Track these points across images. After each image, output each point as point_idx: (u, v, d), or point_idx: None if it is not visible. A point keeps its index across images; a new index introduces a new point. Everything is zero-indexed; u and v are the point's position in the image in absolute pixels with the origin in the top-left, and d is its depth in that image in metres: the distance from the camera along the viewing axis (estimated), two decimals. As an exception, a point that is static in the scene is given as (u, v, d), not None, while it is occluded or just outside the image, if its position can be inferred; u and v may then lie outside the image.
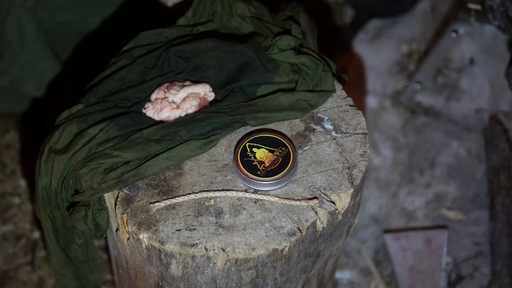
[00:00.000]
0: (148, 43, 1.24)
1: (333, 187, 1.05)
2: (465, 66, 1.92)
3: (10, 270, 1.67)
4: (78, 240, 1.20)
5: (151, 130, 1.09)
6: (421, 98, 1.95)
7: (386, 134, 1.92)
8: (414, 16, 2.13)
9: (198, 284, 1.05)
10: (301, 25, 1.22)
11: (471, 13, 1.68)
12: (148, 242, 1.01)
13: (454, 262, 1.70)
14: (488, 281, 1.65)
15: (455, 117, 1.92)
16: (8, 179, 1.80)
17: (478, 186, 1.81)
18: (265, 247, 1.00)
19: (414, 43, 2.08)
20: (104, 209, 1.06)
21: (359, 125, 1.13)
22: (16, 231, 1.73)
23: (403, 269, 1.68)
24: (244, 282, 1.04)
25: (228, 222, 1.02)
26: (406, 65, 2.05)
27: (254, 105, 1.13)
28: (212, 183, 1.06)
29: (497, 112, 1.88)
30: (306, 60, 1.16)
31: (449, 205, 1.79)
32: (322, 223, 1.04)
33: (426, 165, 1.86)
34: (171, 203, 1.04)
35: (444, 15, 2.09)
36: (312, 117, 1.14)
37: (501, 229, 1.68)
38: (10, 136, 1.86)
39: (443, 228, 1.74)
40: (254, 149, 1.07)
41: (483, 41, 1.88)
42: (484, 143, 1.86)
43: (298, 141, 1.11)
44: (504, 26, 1.57)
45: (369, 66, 2.05)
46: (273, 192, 1.05)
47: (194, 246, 0.99)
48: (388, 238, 1.73)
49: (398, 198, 1.81)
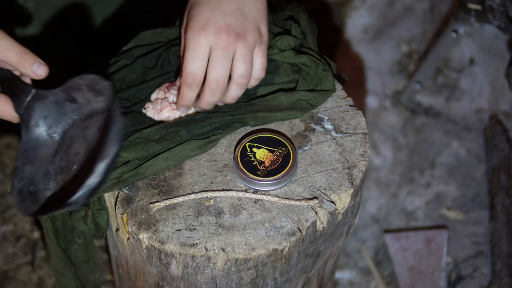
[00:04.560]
0: (148, 43, 1.24)
1: (333, 187, 1.05)
2: (465, 66, 1.92)
3: (10, 270, 1.67)
4: (78, 240, 1.20)
5: (151, 130, 1.09)
6: (421, 98, 1.95)
7: (386, 134, 1.92)
8: (414, 16, 2.13)
9: (198, 284, 1.05)
10: (301, 25, 1.22)
11: (471, 13, 1.68)
12: (148, 242, 1.01)
13: (454, 262, 1.70)
14: (488, 281, 1.65)
15: (455, 117, 1.92)
16: (8, 179, 1.81)
17: (478, 186, 1.81)
18: (265, 247, 1.00)
19: (414, 43, 2.08)
20: (104, 209, 1.06)
21: (359, 125, 1.13)
22: (16, 231, 1.73)
23: (403, 269, 1.69)
24: (244, 282, 1.04)
25: (228, 222, 1.02)
26: (406, 65, 2.05)
27: (254, 105, 1.13)
28: (212, 183, 1.06)
29: (497, 112, 1.88)
30: (306, 60, 1.16)
31: (449, 205, 1.79)
32: (322, 223, 1.04)
33: (426, 165, 1.86)
34: (171, 203, 1.04)
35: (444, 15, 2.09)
36: (312, 117, 1.14)
37: (501, 229, 1.68)
38: (10, 136, 1.87)
39: (443, 228, 1.74)
40: (254, 149, 1.07)
41: (483, 41, 1.88)
42: (484, 143, 1.86)
43: (298, 141, 1.11)
44: (504, 26, 1.57)
45: (369, 66, 2.05)
46: (273, 192, 1.05)
47: (194, 246, 0.99)
48: (388, 238, 1.73)
49: (398, 198, 1.81)
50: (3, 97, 0.99)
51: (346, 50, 2.08)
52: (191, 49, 1.04)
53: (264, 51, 1.08)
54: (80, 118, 1.00)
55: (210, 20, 1.04)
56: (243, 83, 1.07)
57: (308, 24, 1.23)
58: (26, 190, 0.95)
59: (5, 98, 0.99)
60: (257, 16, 1.07)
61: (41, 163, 0.98)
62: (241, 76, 1.06)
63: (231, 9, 1.05)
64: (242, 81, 1.06)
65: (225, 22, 1.04)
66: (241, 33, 1.04)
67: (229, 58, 1.04)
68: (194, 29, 1.04)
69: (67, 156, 0.98)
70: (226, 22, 1.04)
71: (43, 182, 0.97)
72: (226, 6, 1.05)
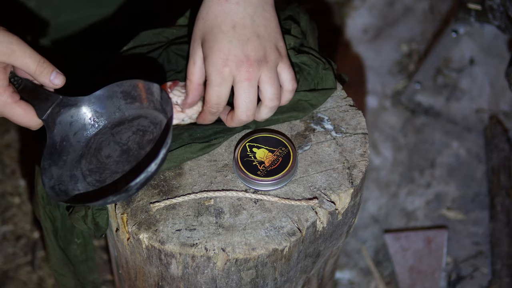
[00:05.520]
0: (149, 42, 1.24)
1: (333, 187, 1.05)
2: (465, 66, 1.92)
3: (10, 270, 1.67)
4: (77, 240, 1.20)
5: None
6: (421, 98, 1.95)
7: (386, 134, 1.92)
8: (414, 16, 2.13)
9: (198, 284, 1.05)
10: (302, 25, 1.21)
11: (471, 13, 1.68)
12: (148, 242, 1.01)
13: (454, 262, 1.70)
14: (488, 281, 1.65)
15: (455, 117, 1.92)
16: (8, 179, 1.80)
17: (478, 186, 1.81)
18: (265, 247, 1.00)
19: (414, 43, 2.08)
20: (104, 209, 1.06)
21: (359, 125, 1.13)
22: (16, 231, 1.73)
23: (403, 269, 1.69)
24: (244, 282, 1.04)
25: (228, 222, 1.02)
26: (406, 65, 2.05)
27: (254, 107, 1.13)
28: (212, 183, 1.06)
29: (497, 112, 1.88)
30: (307, 59, 1.16)
31: (449, 205, 1.79)
32: (322, 223, 1.04)
33: (426, 165, 1.86)
34: (171, 203, 1.04)
35: (444, 15, 2.09)
36: (312, 117, 1.14)
37: (501, 229, 1.68)
38: (10, 136, 1.87)
39: (443, 228, 1.74)
40: (254, 149, 1.07)
41: (483, 41, 1.88)
42: (484, 143, 1.86)
43: (298, 141, 1.11)
44: (504, 26, 1.57)
45: (369, 66, 2.05)
46: (273, 192, 1.05)
47: (194, 246, 0.99)
48: (388, 238, 1.73)
49: (398, 198, 1.81)
50: (23, 103, 1.02)
51: (346, 50, 2.08)
52: (216, 85, 1.04)
53: (287, 63, 1.08)
54: (107, 125, 1.06)
55: (230, 54, 1.03)
56: (274, 105, 1.07)
57: (309, 24, 1.23)
58: (57, 188, 1.00)
59: (25, 105, 1.02)
60: (272, 33, 1.07)
61: (66, 166, 1.03)
62: (271, 99, 1.06)
63: (247, 35, 1.04)
64: (273, 103, 1.07)
65: (244, 52, 1.03)
66: (261, 58, 1.04)
67: (254, 87, 1.04)
68: (216, 65, 1.03)
69: (97, 159, 1.04)
70: (245, 52, 1.03)
71: (70, 184, 1.02)
72: (242, 32, 1.04)
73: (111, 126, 1.06)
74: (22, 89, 1.03)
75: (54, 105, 1.03)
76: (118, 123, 1.06)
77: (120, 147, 1.04)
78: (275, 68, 1.06)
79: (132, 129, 1.05)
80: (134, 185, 0.96)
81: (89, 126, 1.06)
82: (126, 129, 1.05)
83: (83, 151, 1.05)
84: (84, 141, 1.06)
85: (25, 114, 1.02)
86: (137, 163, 1.02)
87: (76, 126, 1.05)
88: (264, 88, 1.05)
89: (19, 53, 1.00)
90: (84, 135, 1.06)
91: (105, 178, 1.02)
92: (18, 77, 1.04)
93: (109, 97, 1.06)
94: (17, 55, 1.00)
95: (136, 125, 1.05)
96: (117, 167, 1.02)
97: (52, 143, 1.02)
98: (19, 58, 1.00)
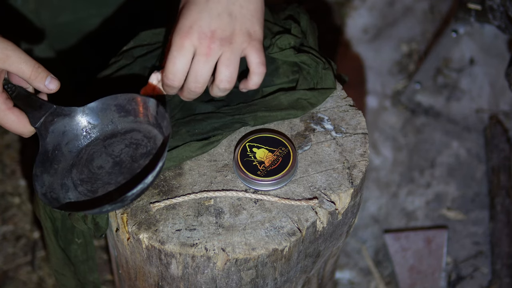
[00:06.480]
0: (148, 42, 1.24)
1: (333, 187, 1.05)
2: (465, 66, 1.92)
3: (10, 270, 1.67)
4: (78, 240, 1.20)
5: (151, 130, 1.10)
6: (421, 98, 1.95)
7: (386, 134, 1.92)
8: (414, 16, 2.13)
9: (198, 284, 1.05)
10: (302, 25, 1.22)
11: (471, 13, 1.68)
12: (148, 242, 1.01)
13: (454, 262, 1.70)
14: (488, 281, 1.65)
15: (455, 117, 1.92)
16: (8, 179, 1.81)
17: (478, 186, 1.81)
18: (265, 247, 1.00)
19: (414, 43, 2.08)
20: (104, 209, 1.07)
21: (359, 125, 1.13)
22: (16, 231, 1.73)
23: (403, 269, 1.69)
24: (244, 282, 1.04)
25: (228, 222, 1.02)
26: (406, 65, 2.05)
27: (254, 105, 1.13)
28: (212, 183, 1.06)
29: (497, 112, 1.88)
30: (306, 58, 1.16)
31: (449, 205, 1.79)
32: (322, 223, 1.04)
33: (426, 165, 1.86)
34: (171, 203, 1.04)
35: (444, 15, 2.09)
36: (312, 117, 1.14)
37: (501, 229, 1.68)
38: (10, 136, 1.87)
39: (443, 228, 1.74)
40: (254, 149, 1.07)
41: (483, 41, 1.88)
42: (484, 143, 1.86)
43: (298, 141, 1.11)
44: (504, 26, 1.57)
45: (369, 66, 2.05)
46: (273, 192, 1.05)
47: (194, 246, 0.99)
48: (388, 238, 1.73)
49: (398, 198, 1.81)
50: (17, 110, 1.02)
51: (346, 50, 2.08)
52: (174, 50, 1.04)
53: (257, 47, 1.07)
54: (99, 137, 1.07)
55: (195, 24, 1.03)
56: (225, 87, 1.07)
57: (309, 24, 1.23)
58: (49, 196, 1.01)
59: (19, 112, 1.02)
60: (247, 16, 1.06)
61: (57, 175, 1.04)
62: (222, 81, 1.06)
63: (219, 11, 1.04)
64: (225, 86, 1.07)
65: (210, 27, 1.03)
66: (226, 37, 1.04)
67: (210, 64, 1.04)
68: (180, 31, 1.04)
69: (89, 169, 1.04)
70: (211, 27, 1.03)
71: (61, 192, 1.02)
72: (214, 7, 1.04)
73: (103, 138, 1.07)
74: (16, 96, 1.04)
75: (47, 113, 1.04)
76: (111, 136, 1.07)
77: (113, 159, 1.05)
78: (238, 51, 1.06)
79: (125, 142, 1.06)
80: (130, 195, 0.97)
81: (81, 137, 1.07)
82: (119, 141, 1.06)
83: (73, 161, 1.06)
84: (76, 151, 1.07)
85: (18, 121, 1.02)
86: (131, 174, 1.03)
87: (68, 136, 1.06)
88: (219, 69, 1.05)
89: (14, 59, 1.00)
90: (75, 145, 1.07)
91: (97, 188, 1.03)
92: (12, 84, 1.04)
93: (103, 110, 1.07)
94: (12, 60, 1.00)
95: (129, 138, 1.06)
96: (109, 178, 1.03)
97: (45, 151, 1.03)
98: (14, 64, 1.00)
